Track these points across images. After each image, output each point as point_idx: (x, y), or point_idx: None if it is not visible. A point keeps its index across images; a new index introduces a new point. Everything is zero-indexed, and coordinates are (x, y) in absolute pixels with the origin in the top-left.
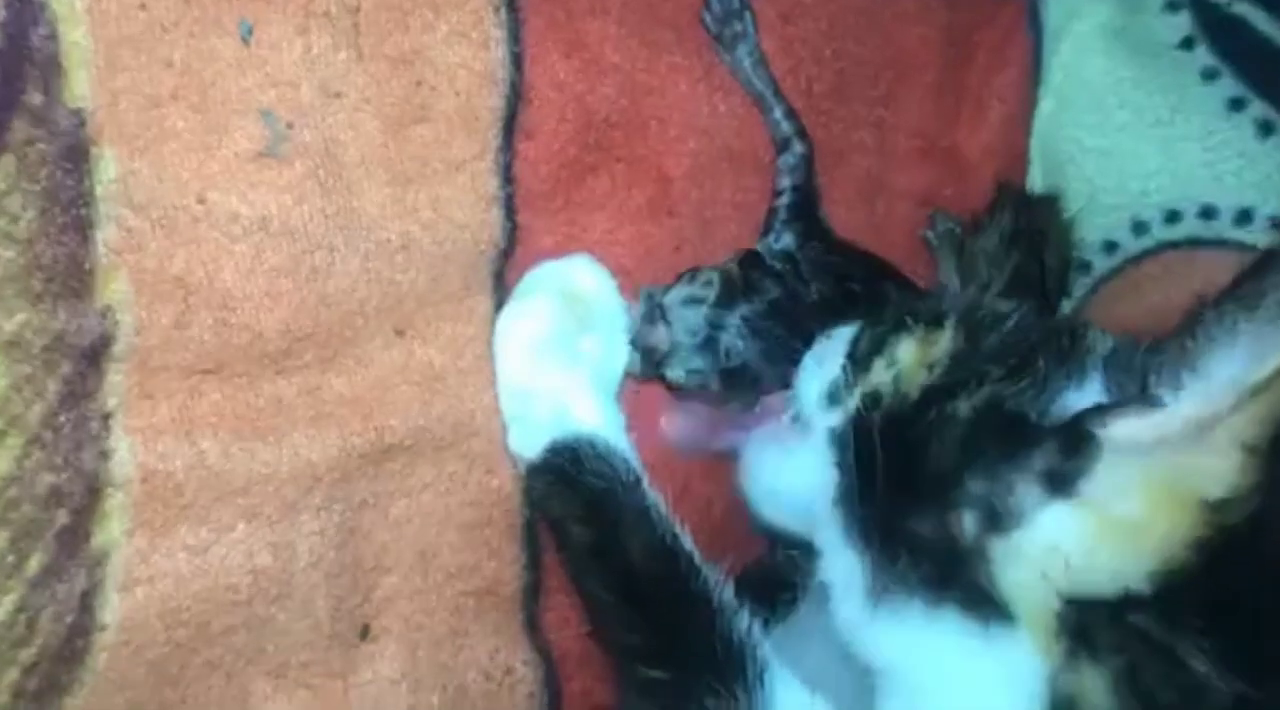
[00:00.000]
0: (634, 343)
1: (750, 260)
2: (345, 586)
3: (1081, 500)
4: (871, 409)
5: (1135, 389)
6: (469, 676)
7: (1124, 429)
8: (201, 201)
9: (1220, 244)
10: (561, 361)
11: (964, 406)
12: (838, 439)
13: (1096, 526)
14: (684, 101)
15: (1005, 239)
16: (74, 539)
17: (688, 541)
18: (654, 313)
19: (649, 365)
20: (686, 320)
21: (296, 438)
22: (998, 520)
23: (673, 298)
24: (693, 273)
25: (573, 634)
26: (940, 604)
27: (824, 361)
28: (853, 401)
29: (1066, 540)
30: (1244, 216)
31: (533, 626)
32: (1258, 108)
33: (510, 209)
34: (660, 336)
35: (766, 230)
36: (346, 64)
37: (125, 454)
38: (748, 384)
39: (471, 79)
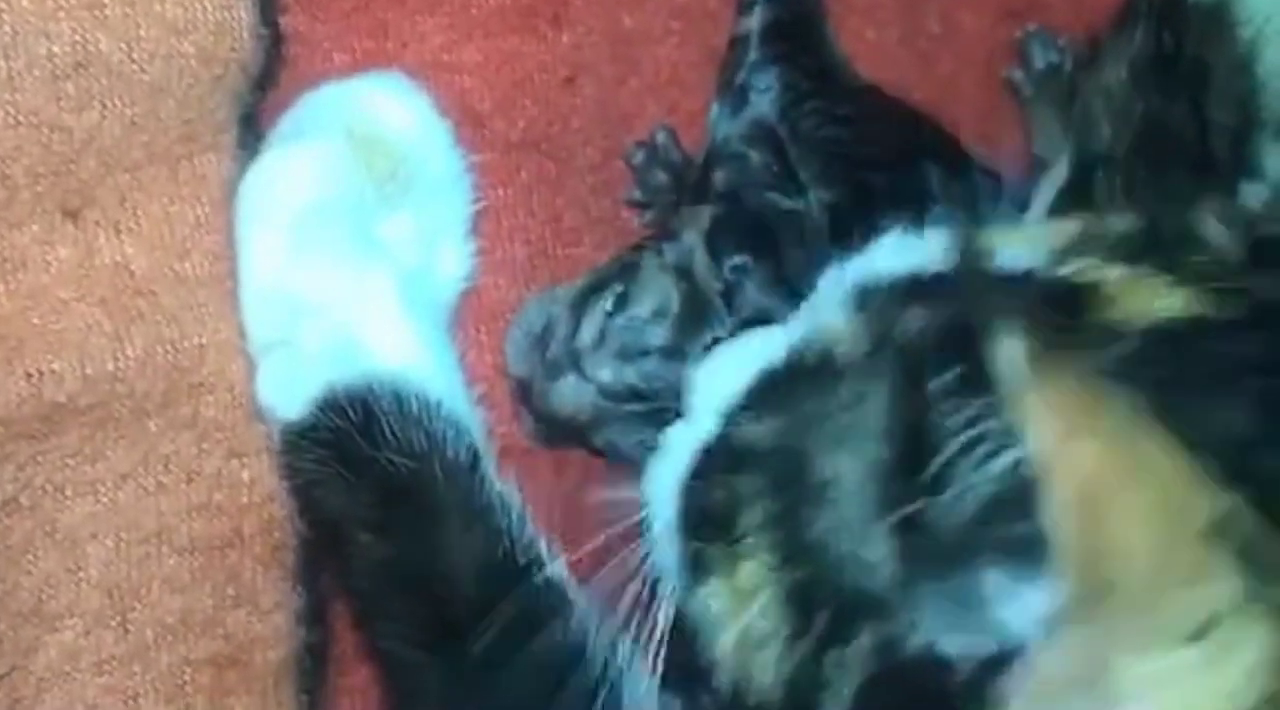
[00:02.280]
0: (523, 398)
1: (700, 191)
2: None
3: None
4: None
5: None
6: None
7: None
8: None
9: None
10: (349, 253)
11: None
12: None
13: None
14: None
15: (1139, 73)
16: None
17: (559, 566)
18: (560, 361)
19: (554, 433)
20: (622, 375)
21: None
22: None
23: (594, 339)
24: (621, 275)
25: None
26: None
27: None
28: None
29: None
30: None
31: None
32: None
33: (269, 6)
34: (574, 400)
35: (730, 73)
36: None
37: None
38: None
39: None
